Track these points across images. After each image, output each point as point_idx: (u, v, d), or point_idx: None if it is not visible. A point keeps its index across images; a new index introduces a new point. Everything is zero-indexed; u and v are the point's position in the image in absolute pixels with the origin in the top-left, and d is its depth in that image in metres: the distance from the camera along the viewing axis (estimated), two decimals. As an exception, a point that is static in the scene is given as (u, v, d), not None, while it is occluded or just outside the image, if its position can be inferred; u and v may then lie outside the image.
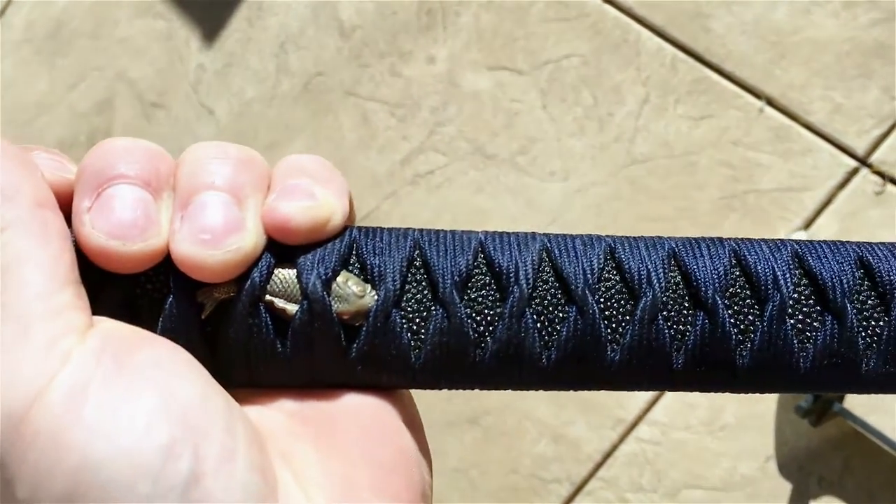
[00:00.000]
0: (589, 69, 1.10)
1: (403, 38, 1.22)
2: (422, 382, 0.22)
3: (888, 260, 0.23)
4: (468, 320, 0.21)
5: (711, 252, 0.23)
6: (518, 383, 0.23)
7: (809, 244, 0.23)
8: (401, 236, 0.22)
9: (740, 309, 0.22)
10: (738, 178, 1.00)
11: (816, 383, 0.23)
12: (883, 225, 0.95)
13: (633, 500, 1.02)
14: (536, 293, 0.22)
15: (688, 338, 0.22)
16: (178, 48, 1.37)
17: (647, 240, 0.23)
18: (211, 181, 0.20)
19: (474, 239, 0.22)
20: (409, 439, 0.21)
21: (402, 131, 1.19)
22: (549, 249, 0.22)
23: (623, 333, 0.22)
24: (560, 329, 0.22)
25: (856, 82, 0.97)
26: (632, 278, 0.22)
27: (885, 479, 0.93)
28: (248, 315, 0.21)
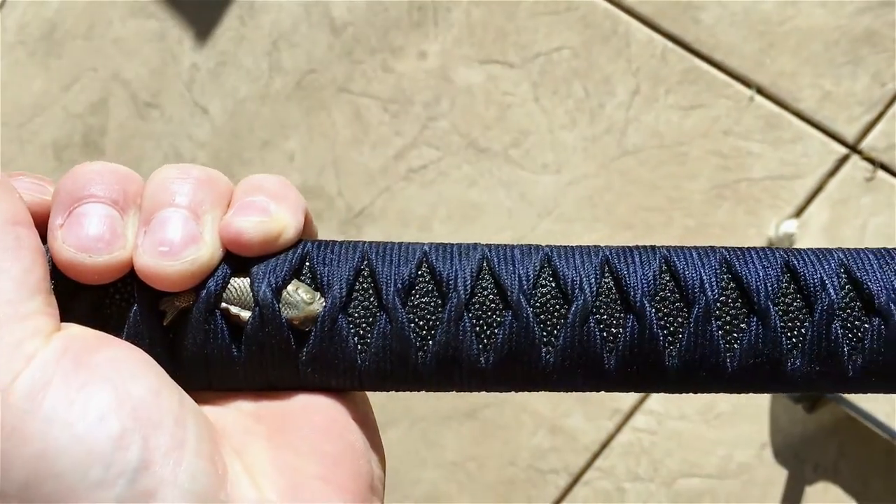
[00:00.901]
0: (580, 61, 1.10)
1: (395, 34, 1.22)
2: (368, 384, 0.24)
3: (814, 265, 0.24)
4: (410, 325, 0.23)
5: (642, 259, 0.24)
6: (459, 385, 0.24)
7: (739, 251, 0.25)
8: (350, 248, 0.24)
9: (669, 312, 0.24)
10: (729, 167, 1.01)
11: (744, 382, 0.24)
12: (874, 212, 0.95)
13: (630, 489, 1.02)
14: (475, 299, 0.23)
15: (619, 340, 0.23)
16: (171, 48, 1.38)
17: (584, 248, 0.25)
18: (172, 199, 0.22)
19: (419, 250, 0.24)
20: (359, 435, 0.23)
21: (394, 127, 1.20)
22: (488, 259, 0.24)
23: (557, 336, 0.23)
24: (497, 332, 0.23)
25: (845, 69, 0.97)
26: (566, 284, 0.24)
27: (879, 463, 0.93)
28: (204, 321, 0.23)
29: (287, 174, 1.25)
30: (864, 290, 0.24)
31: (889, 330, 0.23)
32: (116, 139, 1.40)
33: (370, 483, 0.22)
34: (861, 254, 0.24)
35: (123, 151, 1.39)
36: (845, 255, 0.24)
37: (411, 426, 1.12)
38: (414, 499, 1.11)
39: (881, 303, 0.23)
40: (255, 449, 0.22)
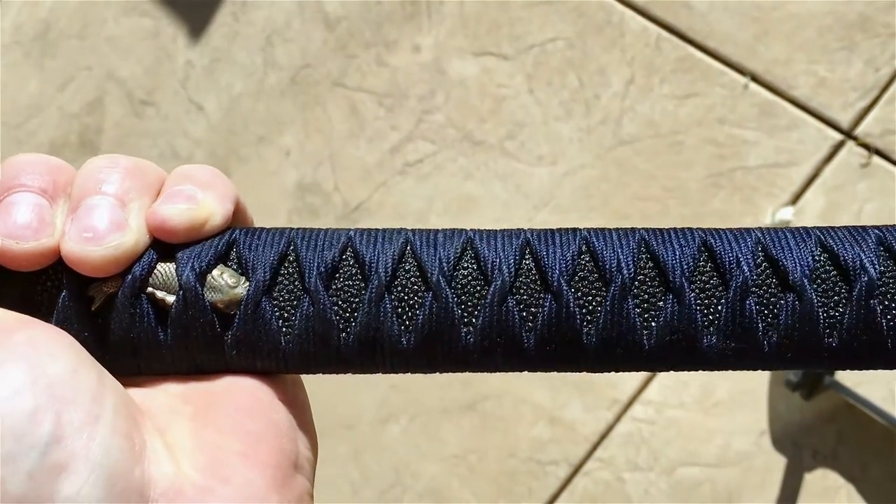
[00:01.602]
0: (574, 52, 1.10)
1: (388, 28, 1.22)
2: (293, 366, 0.25)
3: (730, 243, 0.25)
4: (333, 307, 0.24)
5: (562, 241, 0.25)
6: (382, 365, 0.25)
7: (658, 231, 0.25)
8: (277, 234, 0.25)
9: (588, 291, 0.24)
10: (725, 155, 1.01)
11: (662, 359, 0.25)
12: (869, 197, 0.95)
13: (629, 479, 1.02)
14: (397, 282, 0.24)
15: (537, 319, 0.24)
16: (165, 45, 1.38)
17: (506, 232, 0.25)
18: (98, 188, 0.23)
19: (344, 235, 0.25)
20: (284, 415, 0.24)
21: (390, 121, 1.20)
22: (411, 242, 0.25)
23: (477, 316, 0.24)
24: (418, 313, 0.24)
25: (839, 55, 0.97)
26: (485, 266, 0.24)
27: (877, 448, 0.93)
28: (130, 306, 0.23)
29: (283, 170, 1.26)
30: (779, 268, 0.24)
31: (803, 305, 0.24)
32: (113, 138, 1.40)
33: (293, 461, 0.23)
34: (779, 233, 0.25)
35: (120, 150, 1.39)
36: (763, 234, 0.25)
37: (411, 420, 1.12)
38: (416, 493, 1.11)
39: (795, 279, 0.24)
40: (178, 428, 0.22)
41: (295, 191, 1.24)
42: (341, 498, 1.14)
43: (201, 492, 0.21)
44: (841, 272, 0.24)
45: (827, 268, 0.24)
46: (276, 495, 0.22)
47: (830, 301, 0.24)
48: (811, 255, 0.24)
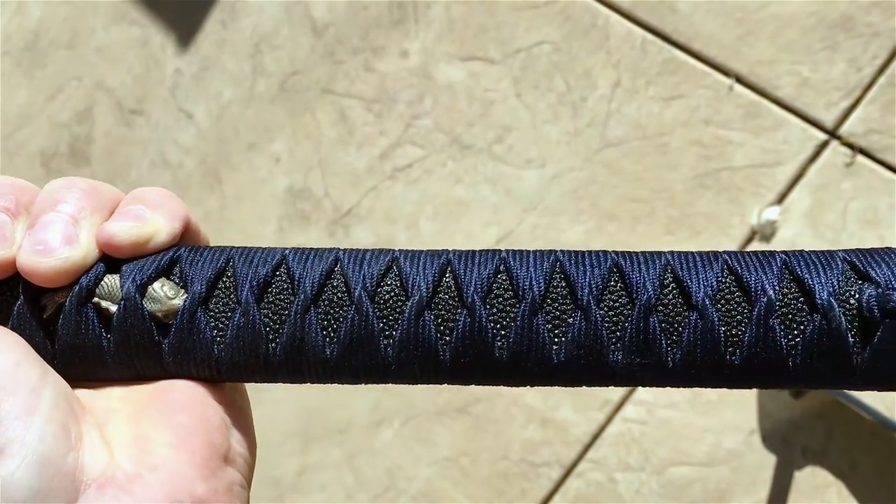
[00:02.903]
0: (560, 55, 1.11)
1: (376, 33, 1.22)
2: (226, 374, 0.27)
3: (639, 265, 0.26)
4: (265, 319, 0.26)
5: (481, 260, 0.27)
6: (308, 375, 0.27)
7: (575, 254, 0.27)
8: (218, 252, 0.27)
9: (502, 308, 0.26)
10: (711, 156, 1.01)
11: (571, 374, 0.26)
12: (854, 196, 0.96)
13: (621, 479, 1.03)
14: (325, 296, 0.26)
15: (453, 333, 0.26)
16: (154, 54, 1.38)
17: (431, 252, 0.27)
18: (55, 206, 0.26)
19: (279, 253, 0.27)
20: (217, 412, 0.26)
21: (379, 126, 1.20)
22: (340, 260, 0.27)
23: (395, 328, 0.26)
24: (340, 326, 0.26)
25: (822, 55, 0.98)
26: (407, 282, 0.26)
27: (867, 445, 0.94)
28: (77, 314, 0.26)
29: (274, 176, 1.26)
30: (684, 288, 0.25)
31: (704, 324, 0.25)
32: (103, 147, 1.40)
33: (224, 454, 0.25)
34: (689, 256, 0.26)
35: (110, 159, 1.39)
36: (673, 258, 0.26)
37: (404, 423, 1.12)
38: (409, 496, 1.11)
39: (698, 299, 0.25)
40: (116, 423, 0.25)
41: (285, 197, 1.24)
42: (335, 502, 1.15)
43: (130, 478, 0.23)
44: (744, 293, 0.25)
45: (731, 289, 0.25)
46: (203, 484, 0.24)
47: (733, 321, 0.25)
48: (716, 277, 0.26)
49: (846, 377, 0.25)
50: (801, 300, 0.25)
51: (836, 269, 0.25)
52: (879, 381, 0.25)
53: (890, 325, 0.24)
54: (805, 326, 0.25)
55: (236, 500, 0.25)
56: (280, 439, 1.19)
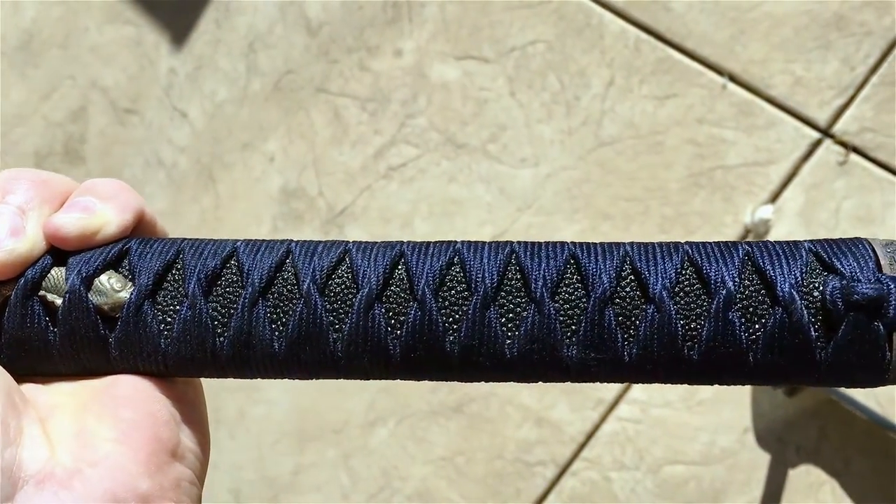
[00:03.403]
0: (554, 54, 1.11)
1: (370, 33, 1.22)
2: (173, 368, 0.26)
3: (596, 256, 0.25)
4: (213, 313, 0.25)
5: (435, 252, 0.26)
6: (256, 370, 0.26)
7: (531, 245, 0.26)
8: (169, 244, 0.26)
9: (454, 301, 0.25)
10: (705, 155, 1.01)
11: (524, 369, 0.25)
12: (847, 195, 0.96)
13: (616, 478, 1.03)
14: (274, 289, 0.25)
15: (403, 327, 0.25)
16: (148, 53, 1.38)
17: (384, 244, 0.26)
18: (3, 197, 0.25)
19: (230, 245, 0.26)
20: (164, 407, 0.26)
21: (373, 125, 1.20)
22: (292, 252, 0.26)
23: (345, 322, 0.25)
24: (289, 319, 0.25)
25: (815, 54, 0.98)
26: (357, 275, 0.25)
27: (860, 444, 0.94)
28: (22, 307, 0.25)
29: (268, 176, 1.26)
30: (642, 280, 0.25)
31: (661, 317, 0.24)
32: (97, 146, 1.40)
33: (171, 449, 0.25)
34: (649, 248, 0.25)
35: (104, 158, 1.39)
36: (632, 249, 0.25)
37: (399, 423, 1.12)
38: (405, 495, 1.11)
39: (655, 291, 0.24)
40: (60, 418, 0.24)
41: (279, 196, 1.24)
42: (331, 502, 1.15)
43: (70, 474, 0.23)
44: (704, 286, 0.24)
45: (691, 281, 0.25)
46: (147, 479, 0.24)
47: (692, 314, 0.24)
48: (675, 268, 0.25)
49: (809, 373, 0.24)
50: (763, 293, 0.24)
51: (801, 261, 0.24)
52: (844, 377, 0.24)
53: (854, 319, 0.23)
54: (766, 320, 0.24)
55: (185, 496, 0.25)
56: (275, 439, 1.19)
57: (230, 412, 1.22)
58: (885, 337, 0.23)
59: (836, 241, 0.25)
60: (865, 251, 0.24)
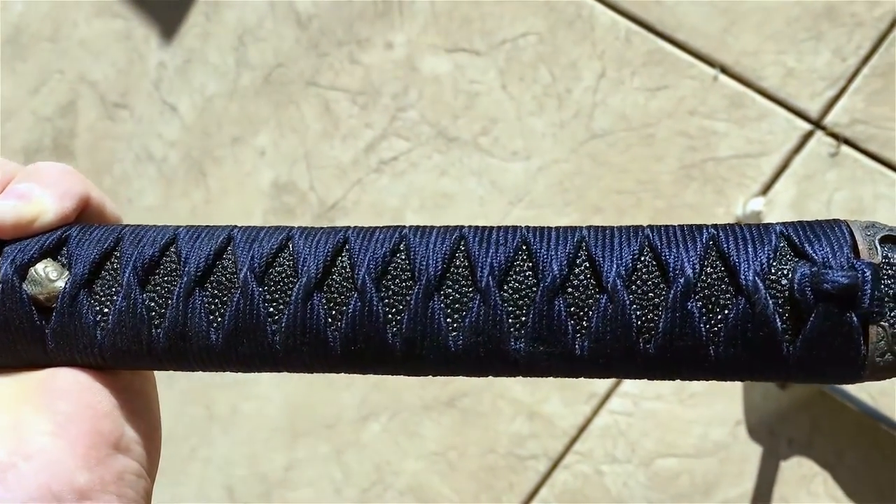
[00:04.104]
0: (545, 46, 1.10)
1: (360, 26, 1.21)
2: (110, 360, 0.25)
3: (549, 242, 0.23)
4: (149, 302, 0.24)
5: (380, 238, 0.24)
6: (194, 362, 0.25)
7: (483, 230, 0.24)
8: (108, 231, 0.25)
9: (397, 290, 0.23)
10: (696, 147, 1.01)
11: (469, 363, 0.23)
12: (839, 186, 0.95)
13: (608, 472, 1.03)
14: (213, 277, 0.24)
15: (342, 317, 0.23)
16: (137, 47, 1.37)
17: (330, 230, 0.25)
18: None
19: (171, 232, 0.25)
20: (105, 398, 0.25)
21: (364, 119, 1.19)
22: (234, 239, 0.25)
23: (282, 313, 0.24)
24: (226, 310, 0.24)
25: (806, 45, 0.97)
26: (297, 262, 0.24)
27: (852, 435, 0.94)
28: None
29: (259, 170, 1.25)
30: (596, 267, 0.23)
31: (615, 307, 0.22)
32: (87, 141, 1.39)
33: (113, 441, 0.24)
34: (607, 232, 0.24)
35: (94, 153, 1.38)
36: (589, 234, 0.24)
37: (391, 418, 1.12)
38: (397, 490, 1.11)
39: (609, 280, 0.22)
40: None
41: (270, 191, 1.24)
42: (323, 497, 1.14)
43: (3, 468, 0.22)
44: (662, 273, 0.22)
45: (650, 268, 0.23)
46: (85, 472, 0.23)
47: (649, 304, 0.22)
48: (632, 255, 0.23)
49: (776, 368, 0.22)
50: (727, 280, 0.22)
51: (769, 245, 0.22)
52: (815, 373, 0.22)
53: (824, 310, 0.21)
54: (729, 311, 0.22)
55: (129, 489, 0.24)
56: (267, 435, 1.18)
57: (222, 408, 1.21)
58: (859, 330, 0.21)
59: (812, 223, 0.23)
60: (842, 235, 0.22)
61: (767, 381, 0.23)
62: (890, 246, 0.22)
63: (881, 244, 0.22)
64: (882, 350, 0.21)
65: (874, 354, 0.21)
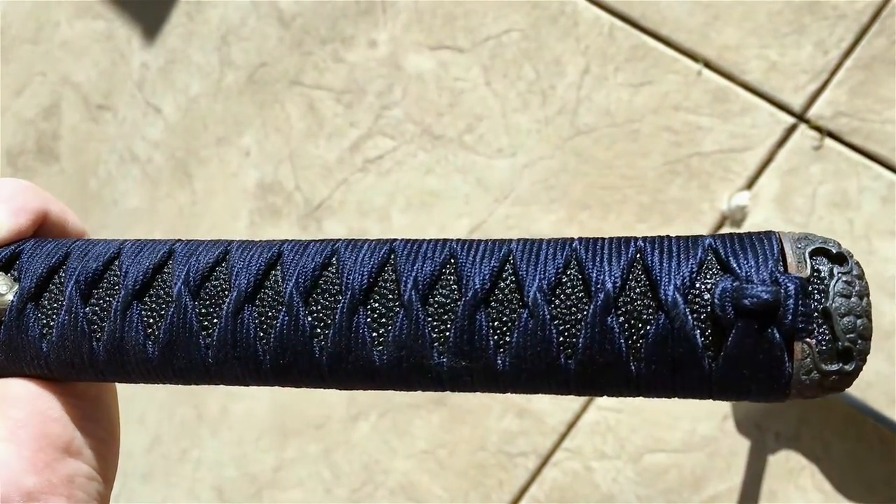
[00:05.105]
0: (529, 43, 1.10)
1: (343, 24, 1.21)
2: (57, 373, 0.25)
3: (475, 255, 0.23)
4: (92, 316, 0.25)
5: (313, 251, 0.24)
6: (133, 374, 0.25)
7: (410, 243, 0.24)
8: (59, 245, 0.26)
9: (326, 304, 0.23)
10: (681, 142, 1.01)
11: (394, 378, 0.23)
12: (823, 179, 0.95)
13: (597, 468, 1.03)
14: (152, 292, 0.24)
15: (272, 331, 0.24)
16: (119, 48, 1.36)
17: (265, 243, 0.25)
18: None
19: (115, 246, 0.26)
20: (54, 404, 0.26)
21: (349, 118, 1.19)
22: (174, 252, 0.25)
23: (215, 326, 0.24)
24: (161, 324, 0.24)
25: (789, 39, 0.97)
26: (230, 275, 0.24)
27: (838, 429, 0.94)
28: None
29: (244, 170, 1.24)
30: (519, 281, 0.22)
31: (535, 322, 0.22)
32: (70, 143, 1.38)
33: (62, 445, 0.25)
34: (535, 245, 0.23)
35: (78, 155, 1.37)
36: (517, 246, 0.23)
37: (381, 417, 1.12)
38: (387, 489, 1.11)
39: (530, 295, 0.22)
40: None
41: (256, 191, 1.23)
42: (314, 498, 1.14)
43: None
44: (586, 288, 0.22)
45: (574, 282, 0.22)
46: (33, 476, 0.24)
47: (572, 318, 0.22)
48: (556, 268, 0.22)
49: (699, 386, 0.21)
50: (649, 295, 0.21)
51: (694, 259, 0.21)
52: (739, 391, 0.21)
53: (744, 326, 0.20)
54: (650, 326, 0.21)
55: (80, 491, 0.25)
56: (257, 435, 1.18)
57: (212, 410, 1.21)
58: (782, 347, 0.20)
59: (743, 235, 0.22)
60: (770, 247, 0.21)
61: (693, 398, 0.22)
62: (822, 259, 0.21)
63: (812, 257, 0.21)
64: (808, 368, 0.21)
65: (799, 372, 0.21)
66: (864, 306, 0.21)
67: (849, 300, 0.21)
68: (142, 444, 1.24)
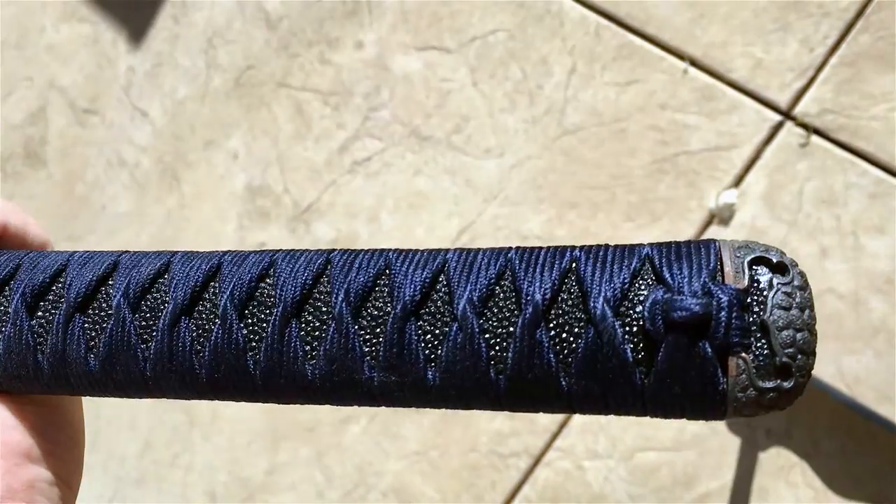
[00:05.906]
0: (515, 42, 1.09)
1: (330, 25, 1.20)
2: (6, 385, 0.25)
3: (408, 265, 0.22)
4: (37, 328, 0.24)
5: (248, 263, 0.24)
6: (76, 387, 0.25)
7: (348, 253, 0.23)
8: (10, 258, 0.26)
9: (261, 317, 0.23)
10: (668, 141, 1.01)
11: (327, 392, 0.22)
12: (809, 177, 0.95)
13: (589, 467, 1.03)
14: (95, 305, 0.24)
15: (207, 344, 0.23)
16: (105, 51, 1.35)
17: (206, 255, 0.24)
18: None
19: (63, 258, 0.25)
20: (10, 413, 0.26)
21: (336, 119, 1.19)
22: (119, 264, 0.25)
23: (151, 339, 0.23)
24: (101, 336, 0.24)
25: (774, 36, 0.97)
26: (170, 287, 0.24)
27: (828, 425, 0.94)
28: None
29: (232, 173, 1.24)
30: (451, 292, 0.21)
31: (463, 336, 0.21)
32: (58, 148, 1.37)
33: (21, 452, 0.25)
34: (470, 254, 0.22)
35: (66, 160, 1.36)
36: (453, 256, 0.22)
37: (372, 419, 1.12)
38: (380, 491, 1.11)
39: (459, 307, 0.21)
40: None
41: (245, 194, 1.23)
42: (306, 501, 1.14)
43: None
44: (517, 300, 0.21)
45: (507, 294, 0.21)
46: None
47: (503, 332, 0.21)
48: (489, 279, 0.21)
49: (632, 403, 0.21)
50: (581, 307, 0.20)
51: (628, 269, 0.20)
52: (672, 408, 0.20)
53: (674, 340, 0.19)
54: (581, 340, 0.20)
55: (41, 496, 0.25)
56: (248, 439, 1.18)
57: (203, 414, 1.20)
58: (715, 362, 0.19)
59: (682, 243, 0.21)
60: (706, 256, 0.20)
61: (628, 415, 0.21)
62: (762, 269, 0.20)
63: (751, 267, 0.20)
64: (743, 384, 0.19)
65: (735, 389, 0.19)
66: (805, 319, 0.19)
67: (788, 312, 0.19)
68: (133, 450, 1.24)
